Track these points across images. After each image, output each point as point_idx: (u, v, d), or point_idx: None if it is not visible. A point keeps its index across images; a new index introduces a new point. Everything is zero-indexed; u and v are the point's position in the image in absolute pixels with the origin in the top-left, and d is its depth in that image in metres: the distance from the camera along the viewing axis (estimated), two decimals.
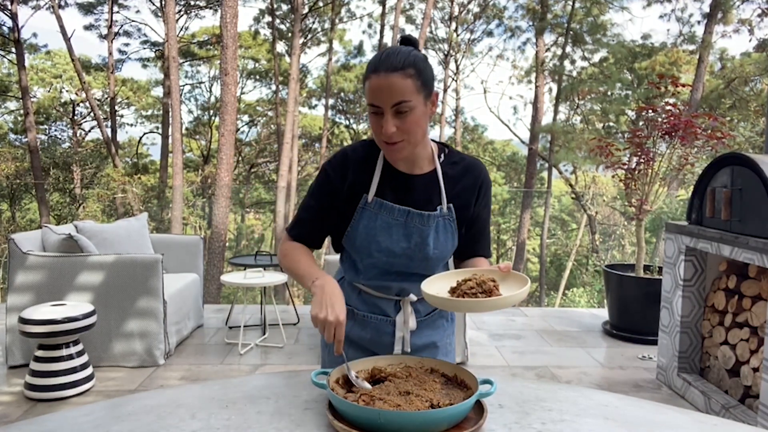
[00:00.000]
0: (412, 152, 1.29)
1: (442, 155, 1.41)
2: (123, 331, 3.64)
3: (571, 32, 15.14)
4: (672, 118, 4.48)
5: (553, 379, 3.66)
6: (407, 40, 1.31)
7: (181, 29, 18.87)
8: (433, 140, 1.41)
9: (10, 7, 14.05)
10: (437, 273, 1.36)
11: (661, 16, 18.13)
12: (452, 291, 1.13)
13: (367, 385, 1.09)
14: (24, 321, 3.09)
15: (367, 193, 1.34)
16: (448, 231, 1.37)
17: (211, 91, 21.73)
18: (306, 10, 17.60)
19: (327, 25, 19.32)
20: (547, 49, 17.37)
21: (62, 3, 17.08)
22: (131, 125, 21.60)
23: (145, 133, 21.69)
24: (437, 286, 1.18)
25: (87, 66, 18.90)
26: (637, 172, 4.76)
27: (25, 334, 3.11)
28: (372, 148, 1.38)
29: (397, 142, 1.24)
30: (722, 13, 12.76)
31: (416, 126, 1.24)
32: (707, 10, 13.05)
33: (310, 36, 19.03)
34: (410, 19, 19.40)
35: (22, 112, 16.34)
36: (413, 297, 1.39)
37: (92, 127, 19.59)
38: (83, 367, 3.26)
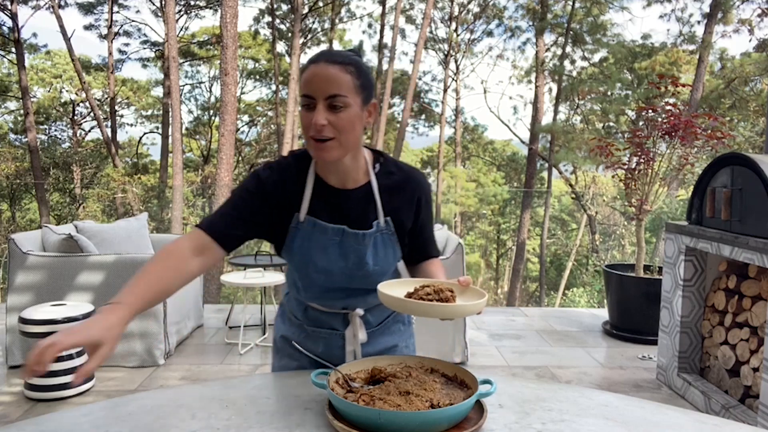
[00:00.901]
0: (341, 157, 1.20)
1: (378, 165, 1.31)
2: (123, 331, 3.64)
3: (571, 32, 15.15)
4: (672, 118, 4.48)
5: (553, 379, 3.66)
6: (353, 51, 1.26)
7: (181, 29, 18.88)
8: (367, 147, 1.33)
9: (10, 7, 14.05)
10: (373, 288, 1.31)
11: (661, 16, 18.14)
12: (409, 295, 1.10)
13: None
14: (24, 321, 3.10)
15: (299, 212, 1.26)
16: (388, 245, 1.30)
17: (211, 91, 21.74)
18: (306, 10, 17.61)
19: (327, 25, 19.33)
20: (547, 49, 17.37)
21: (62, 3, 17.09)
22: (131, 125, 21.59)
23: (145, 133, 21.71)
24: (395, 290, 1.15)
25: (87, 66, 18.90)
26: (637, 172, 4.76)
27: (25, 334, 3.11)
28: (303, 161, 1.29)
29: (327, 140, 1.15)
30: (722, 13, 12.77)
31: (350, 126, 1.16)
32: (707, 10, 13.05)
33: (310, 36, 19.03)
34: (410, 19, 19.42)
35: (22, 112, 16.36)
36: (360, 311, 1.34)
37: (92, 127, 19.62)
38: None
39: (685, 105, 10.16)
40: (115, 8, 17.92)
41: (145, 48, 19.55)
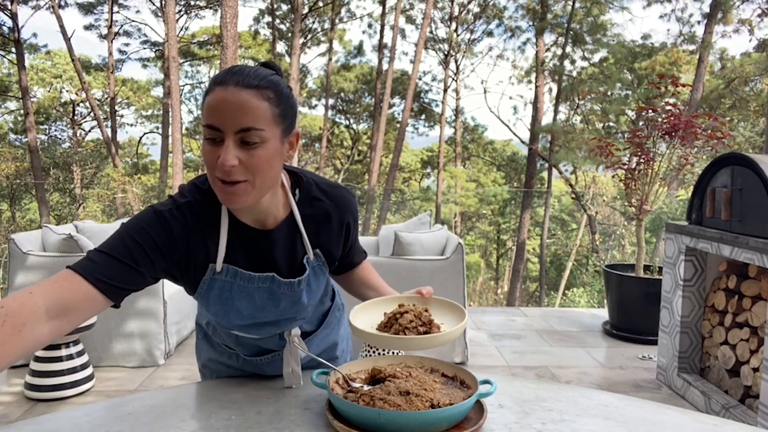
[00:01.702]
0: (255, 201, 0.99)
1: (297, 191, 1.13)
2: (123, 332, 3.64)
3: (571, 32, 15.15)
4: (672, 118, 4.48)
5: (553, 379, 3.66)
6: (269, 65, 1.02)
7: (181, 29, 18.88)
8: (286, 169, 1.14)
9: (10, 7, 14.06)
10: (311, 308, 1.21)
11: (661, 16, 18.15)
12: (385, 325, 1.04)
13: None
14: None
15: (215, 262, 1.05)
16: (319, 275, 1.17)
17: None
18: (306, 10, 17.61)
19: (327, 25, 19.34)
20: (547, 49, 17.37)
21: (62, 3, 17.10)
22: (131, 125, 21.65)
23: (145, 133, 21.73)
24: (364, 319, 1.08)
25: (87, 66, 18.91)
26: (637, 172, 4.76)
27: None
28: (212, 199, 1.05)
29: (237, 182, 0.94)
30: (722, 13, 12.77)
31: (267, 166, 0.95)
32: (707, 10, 13.06)
33: (310, 36, 19.04)
34: (410, 19, 19.42)
35: (22, 112, 16.36)
36: (297, 331, 1.21)
37: (92, 127, 19.63)
38: (83, 367, 3.26)
39: (685, 105, 10.16)
40: (115, 8, 17.93)
41: (145, 48, 19.58)
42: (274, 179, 1.00)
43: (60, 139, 19.48)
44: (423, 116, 21.71)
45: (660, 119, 4.60)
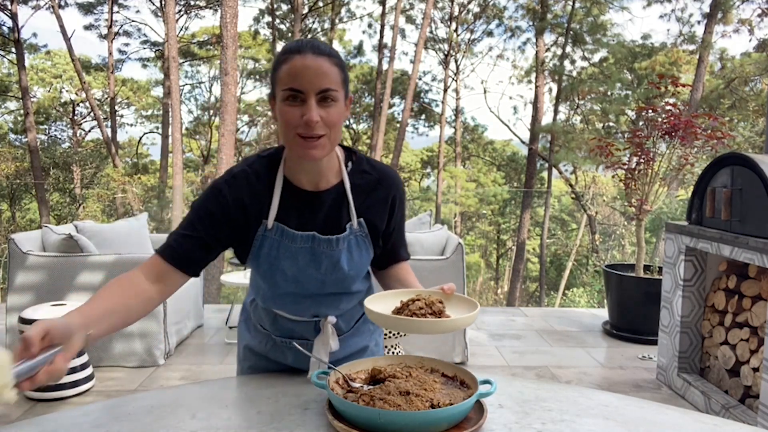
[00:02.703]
0: (328, 154, 1.13)
1: (350, 163, 1.24)
2: (123, 331, 3.64)
3: (571, 32, 15.14)
4: (672, 118, 4.48)
5: (553, 379, 3.66)
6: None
7: (181, 29, 18.87)
8: (340, 145, 1.25)
9: (10, 7, 14.05)
10: (355, 289, 1.27)
11: (661, 16, 18.14)
12: (398, 311, 1.07)
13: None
14: (24, 321, 3.09)
15: (267, 219, 1.18)
16: (362, 247, 1.23)
17: (211, 91, 21.74)
18: (306, 10, 17.61)
19: (327, 25, 19.33)
20: (547, 49, 17.37)
21: (62, 3, 17.09)
22: (131, 125, 21.60)
23: (145, 133, 21.72)
24: (380, 305, 1.11)
25: (87, 66, 18.90)
26: (637, 172, 4.76)
27: None
28: (270, 164, 1.20)
29: (319, 137, 1.08)
30: (722, 13, 12.77)
31: (339, 121, 1.10)
32: (707, 10, 13.06)
33: (310, 36, 19.03)
34: (410, 19, 19.41)
35: (22, 112, 16.35)
36: (332, 319, 1.28)
37: (92, 127, 19.62)
38: (83, 367, 3.26)
39: (685, 105, 10.16)
40: (115, 8, 17.92)
41: (145, 48, 19.58)
42: (340, 135, 1.15)
43: (60, 139, 19.48)
44: (423, 116, 21.71)
45: (660, 119, 4.60)
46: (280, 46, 19.34)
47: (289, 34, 17.93)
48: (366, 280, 1.33)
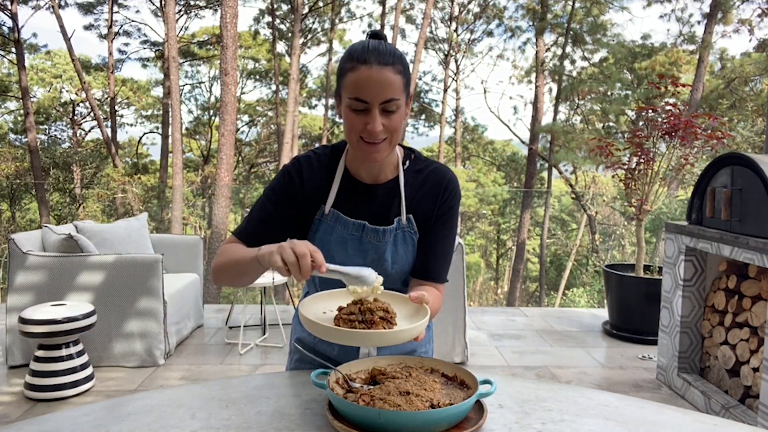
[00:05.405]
0: (390, 153, 1.19)
1: (408, 162, 1.30)
2: (123, 331, 3.64)
3: (571, 32, 15.15)
4: (672, 118, 4.48)
5: (553, 379, 3.66)
6: (378, 35, 1.19)
7: (181, 29, 18.88)
8: (399, 144, 1.30)
9: (10, 7, 14.05)
10: (396, 290, 1.24)
11: (661, 16, 18.17)
12: (336, 318, 1.05)
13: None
14: (24, 321, 3.10)
15: (325, 204, 1.26)
16: (408, 244, 1.27)
17: (211, 91, 21.75)
18: (306, 10, 17.61)
19: (327, 25, 19.34)
20: (547, 49, 17.38)
21: (62, 3, 17.10)
22: (131, 125, 21.62)
23: (145, 133, 21.72)
24: (318, 305, 1.11)
25: (87, 66, 18.91)
26: (637, 172, 4.76)
27: (25, 334, 3.12)
28: (334, 154, 1.29)
29: (380, 142, 1.15)
30: (722, 13, 12.77)
31: (400, 126, 1.16)
32: (707, 10, 13.06)
33: (310, 36, 19.04)
34: (410, 19, 19.44)
35: (22, 112, 16.36)
36: None
37: (92, 127, 19.63)
38: (83, 367, 3.26)
39: (685, 105, 10.16)
40: (115, 8, 17.93)
41: (145, 48, 19.59)
42: (401, 136, 1.20)
43: (60, 139, 19.48)
44: (423, 116, 21.73)
45: (660, 119, 4.60)
46: (280, 46, 19.36)
47: (289, 34, 17.92)
48: (405, 286, 1.32)
